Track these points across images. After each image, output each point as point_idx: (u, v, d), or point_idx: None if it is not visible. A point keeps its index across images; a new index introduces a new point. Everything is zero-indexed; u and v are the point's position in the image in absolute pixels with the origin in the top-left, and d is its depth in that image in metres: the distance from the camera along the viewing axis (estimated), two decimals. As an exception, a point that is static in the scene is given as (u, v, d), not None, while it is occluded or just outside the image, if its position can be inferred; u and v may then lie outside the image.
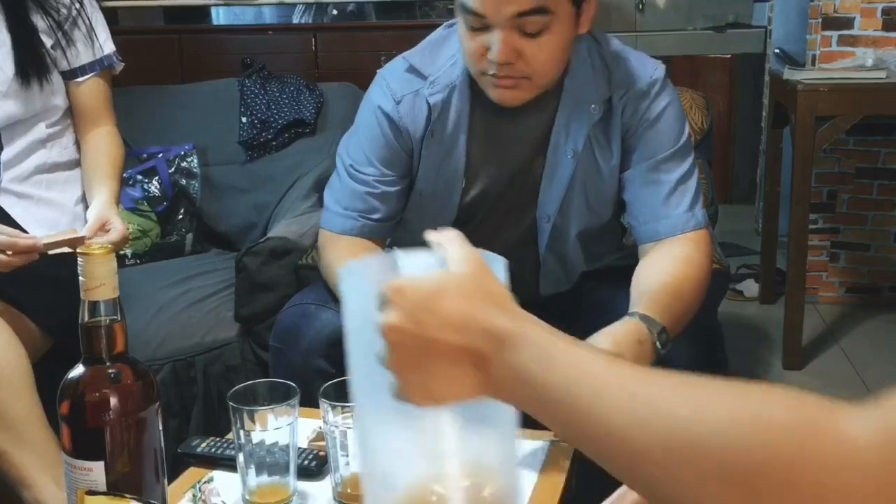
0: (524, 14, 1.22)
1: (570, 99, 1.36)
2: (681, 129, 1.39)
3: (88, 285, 0.81)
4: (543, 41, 1.25)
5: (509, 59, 1.25)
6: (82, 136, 1.78)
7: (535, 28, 1.23)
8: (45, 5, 1.66)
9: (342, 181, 1.44)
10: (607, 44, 1.41)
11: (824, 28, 3.09)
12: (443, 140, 1.39)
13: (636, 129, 1.38)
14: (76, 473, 0.83)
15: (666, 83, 1.40)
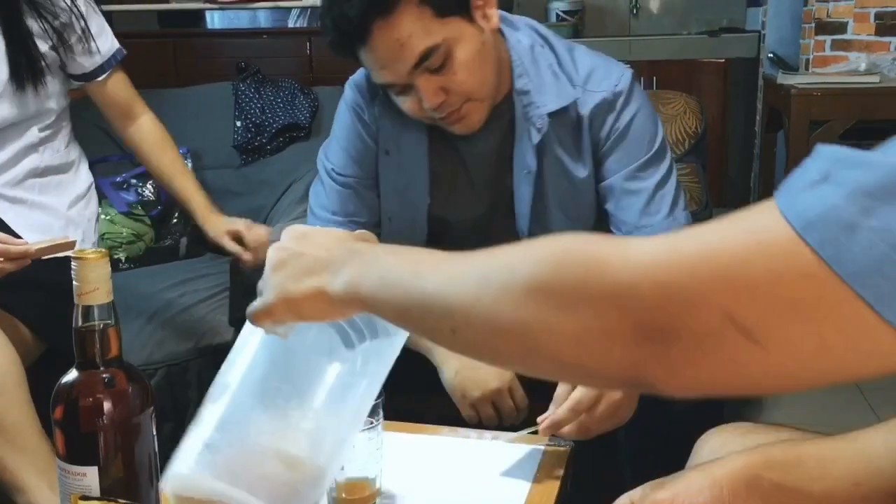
0: (420, 62, 1.23)
1: (521, 116, 1.34)
2: (653, 135, 1.37)
3: (82, 289, 0.81)
4: (457, 65, 1.24)
5: (440, 99, 1.25)
6: (124, 131, 1.82)
7: (440, 61, 1.23)
8: (40, 9, 1.65)
9: (325, 186, 1.45)
10: (569, 58, 1.38)
11: (818, 33, 3.10)
12: (401, 161, 1.39)
13: (606, 142, 1.36)
14: (70, 478, 0.83)
15: (632, 92, 1.37)
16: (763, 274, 0.47)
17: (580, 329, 0.52)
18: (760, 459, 0.77)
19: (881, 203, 0.45)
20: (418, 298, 0.63)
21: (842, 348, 0.47)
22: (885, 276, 0.44)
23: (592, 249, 0.54)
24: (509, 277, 0.56)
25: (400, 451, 1.11)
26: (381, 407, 0.99)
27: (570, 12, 4.24)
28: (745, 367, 0.49)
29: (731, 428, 0.93)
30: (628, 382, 0.54)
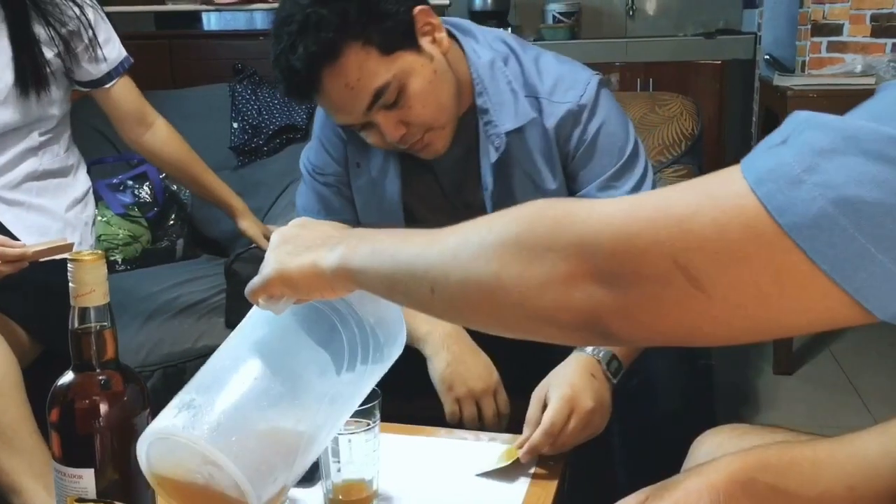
0: (373, 101, 1.23)
1: (483, 135, 1.33)
2: (623, 142, 1.35)
3: (78, 291, 0.81)
4: (412, 98, 1.24)
5: (400, 132, 1.26)
6: (139, 139, 1.83)
7: (394, 97, 1.23)
8: (48, 17, 1.66)
9: (308, 187, 1.46)
10: (534, 69, 1.36)
11: (813, 34, 3.11)
12: (371, 173, 1.39)
13: (575, 154, 1.34)
14: (66, 481, 0.83)
15: (598, 101, 1.34)
16: (711, 223, 0.51)
17: (545, 276, 0.57)
18: (755, 462, 0.77)
19: (825, 160, 0.47)
20: (403, 262, 0.68)
21: (780, 298, 0.50)
22: (823, 228, 0.47)
23: (563, 206, 0.59)
24: (486, 235, 0.61)
25: (397, 453, 1.11)
26: (377, 408, 0.99)
27: (566, 14, 4.24)
28: (690, 313, 0.53)
29: (727, 429, 0.93)
30: (587, 327, 0.57)
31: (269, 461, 0.75)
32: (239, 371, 0.80)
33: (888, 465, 0.74)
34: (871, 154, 0.47)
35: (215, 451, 0.71)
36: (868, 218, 0.46)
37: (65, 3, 1.68)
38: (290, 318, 0.83)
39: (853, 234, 0.46)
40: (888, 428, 0.77)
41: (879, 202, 0.46)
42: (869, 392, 2.52)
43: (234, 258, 1.88)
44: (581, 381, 1.16)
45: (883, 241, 0.46)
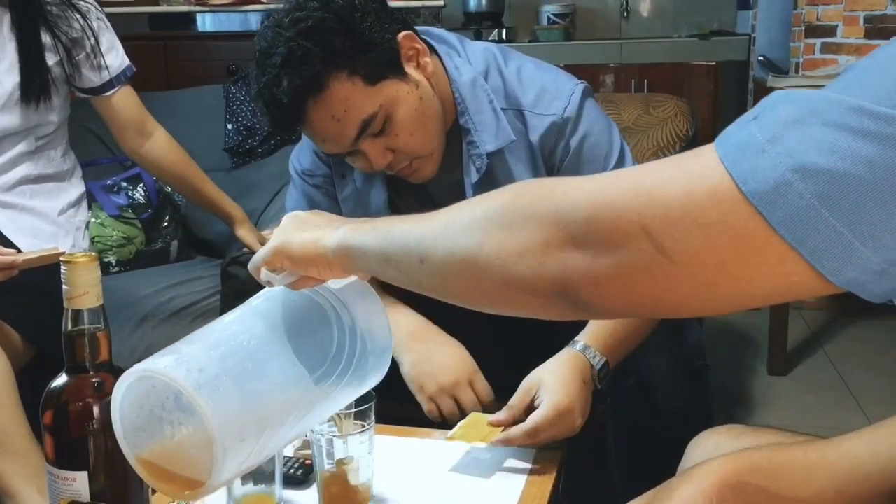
0: (360, 132, 1.21)
1: (466, 154, 1.32)
2: (608, 149, 1.33)
3: (72, 293, 0.81)
4: (399, 126, 1.22)
5: (387, 160, 1.25)
6: (138, 148, 1.83)
7: (381, 125, 1.22)
8: (53, 24, 1.66)
9: (297, 188, 1.45)
10: (517, 82, 1.34)
11: (807, 36, 3.12)
12: (357, 183, 1.39)
13: (560, 166, 1.33)
14: (59, 483, 0.83)
15: (582, 112, 1.32)
16: (678, 192, 0.53)
17: (524, 243, 0.60)
18: (746, 465, 0.77)
19: (788, 131, 0.49)
20: (397, 237, 0.72)
21: (740, 264, 0.52)
22: (781, 194, 0.49)
23: (548, 180, 0.63)
24: (474, 209, 0.66)
25: (392, 455, 1.11)
26: (372, 410, 0.99)
27: (560, 15, 4.25)
28: (656, 281, 0.55)
29: (723, 430, 0.93)
30: (561, 294, 0.59)
31: (241, 420, 0.74)
32: (230, 332, 0.81)
33: (877, 468, 0.75)
34: (831, 123, 0.48)
35: (191, 390, 0.70)
36: (824, 184, 0.48)
37: (69, 10, 1.68)
38: (289, 305, 0.85)
39: (809, 200, 0.48)
40: (878, 430, 0.77)
41: (835, 169, 0.47)
42: (863, 392, 2.52)
43: (229, 260, 1.88)
44: (575, 389, 1.15)
45: (837, 207, 0.48)
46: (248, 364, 0.78)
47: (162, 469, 0.75)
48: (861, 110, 0.48)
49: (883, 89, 0.48)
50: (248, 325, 0.82)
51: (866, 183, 0.47)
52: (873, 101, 0.47)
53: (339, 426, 0.99)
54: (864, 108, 0.47)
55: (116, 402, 0.75)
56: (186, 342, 0.79)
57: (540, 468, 1.10)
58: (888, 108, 0.47)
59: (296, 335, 0.83)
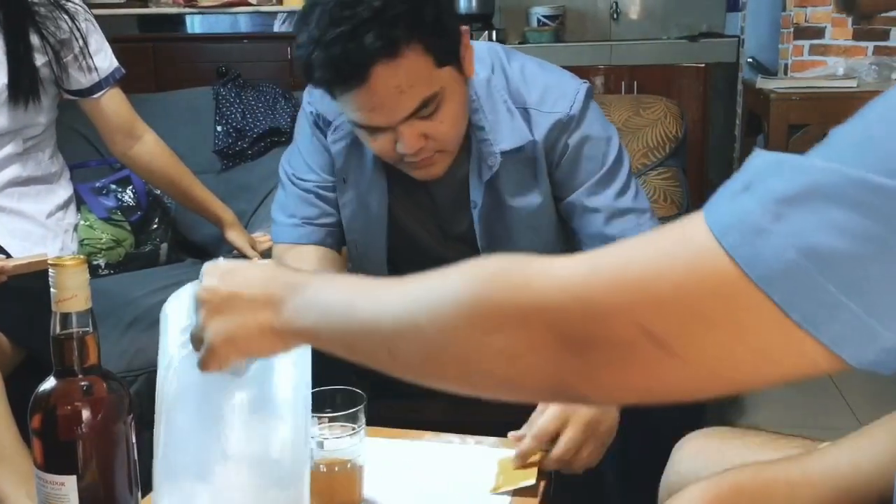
0: (417, 110, 1.20)
1: (476, 153, 1.33)
2: (607, 146, 1.35)
3: (60, 297, 0.80)
4: (443, 114, 1.22)
5: (419, 145, 1.23)
6: (127, 151, 1.82)
7: (430, 111, 1.21)
8: (41, 25, 1.65)
9: (286, 191, 1.45)
10: (521, 79, 1.35)
11: (796, 38, 3.13)
12: (359, 187, 1.38)
13: (560, 160, 1.34)
14: (48, 487, 0.82)
15: (586, 110, 1.34)
16: (674, 285, 0.49)
17: (509, 346, 0.55)
18: (731, 488, 0.77)
19: (791, 209, 0.46)
20: (357, 326, 0.65)
21: (752, 354, 0.48)
22: (793, 279, 0.45)
23: (518, 269, 0.56)
24: (440, 299, 0.58)
25: (383, 457, 1.10)
26: (362, 412, 0.99)
27: (550, 17, 4.25)
28: (661, 376, 0.51)
29: (709, 433, 0.93)
30: (556, 391, 0.57)
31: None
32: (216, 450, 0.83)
33: (858, 482, 0.75)
34: (836, 199, 0.45)
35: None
36: (837, 267, 0.45)
37: (58, 11, 1.67)
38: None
39: (824, 283, 0.45)
40: (859, 439, 0.77)
41: (847, 250, 0.44)
42: (853, 393, 2.53)
43: (218, 262, 1.87)
44: None
45: (853, 289, 0.45)
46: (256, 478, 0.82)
47: None
48: (865, 184, 0.44)
49: (884, 157, 0.45)
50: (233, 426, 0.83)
51: (880, 264, 0.44)
52: (875, 172, 0.44)
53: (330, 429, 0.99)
54: (868, 182, 0.44)
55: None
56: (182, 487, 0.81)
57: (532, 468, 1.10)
58: (892, 180, 0.44)
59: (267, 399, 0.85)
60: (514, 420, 1.14)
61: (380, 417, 1.11)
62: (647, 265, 0.51)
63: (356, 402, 0.98)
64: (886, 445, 0.76)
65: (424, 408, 1.55)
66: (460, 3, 4.17)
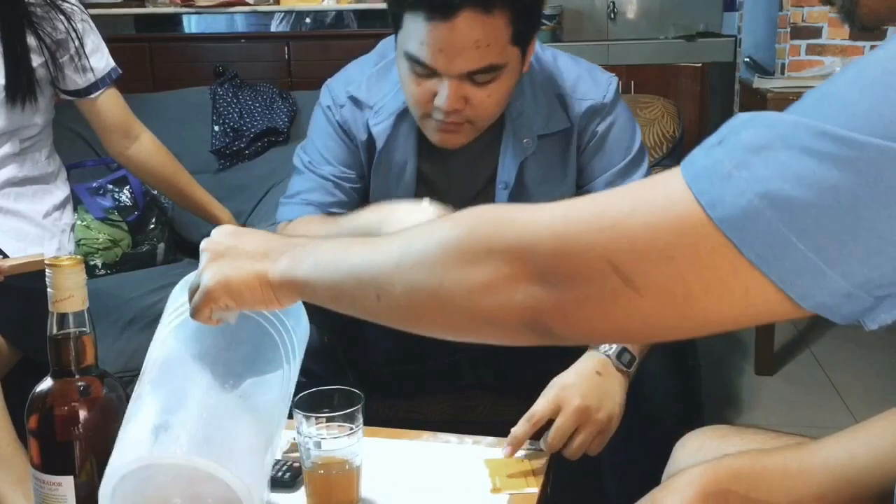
0: (480, 71, 1.22)
1: (510, 133, 1.36)
2: (631, 139, 1.40)
3: (57, 297, 0.80)
4: (492, 89, 1.25)
5: (458, 107, 1.25)
6: (124, 151, 1.82)
7: (485, 80, 1.24)
8: (38, 26, 1.65)
9: (303, 176, 1.44)
10: (555, 66, 1.39)
11: (793, 37, 3.13)
12: (391, 168, 1.40)
13: (587, 146, 1.38)
14: (45, 488, 0.82)
15: (617, 99, 1.40)
16: (643, 224, 0.53)
17: (487, 278, 0.59)
18: (728, 473, 0.77)
19: (754, 157, 0.50)
20: (347, 272, 0.69)
21: (711, 293, 0.52)
22: (750, 220, 0.49)
23: (503, 210, 0.61)
24: (427, 241, 0.63)
25: (380, 457, 1.10)
26: (360, 412, 0.99)
27: (548, 17, 4.25)
28: (625, 311, 0.55)
29: (708, 431, 0.93)
30: (528, 327, 0.59)
31: (250, 465, 0.75)
32: (201, 387, 0.80)
33: (855, 472, 0.75)
34: (795, 148, 0.48)
35: (215, 465, 0.72)
36: (790, 211, 0.48)
37: (54, 12, 1.67)
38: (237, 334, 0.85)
39: (777, 225, 0.48)
40: (857, 433, 0.78)
41: (801, 196, 0.48)
42: (849, 392, 2.53)
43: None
44: (576, 379, 1.16)
45: (804, 233, 0.48)
46: (232, 412, 0.79)
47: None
48: (824, 134, 0.48)
49: (844, 112, 0.48)
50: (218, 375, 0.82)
51: (832, 209, 0.47)
52: (836, 125, 0.48)
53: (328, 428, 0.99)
54: (828, 132, 0.48)
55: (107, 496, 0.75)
56: (167, 411, 0.79)
57: (531, 468, 1.10)
58: (850, 132, 0.47)
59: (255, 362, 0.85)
60: (511, 420, 1.15)
61: (377, 417, 1.11)
62: (622, 207, 0.55)
63: (354, 402, 0.98)
64: (884, 438, 0.76)
65: (422, 408, 1.55)
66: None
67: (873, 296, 0.50)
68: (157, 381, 0.82)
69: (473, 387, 1.60)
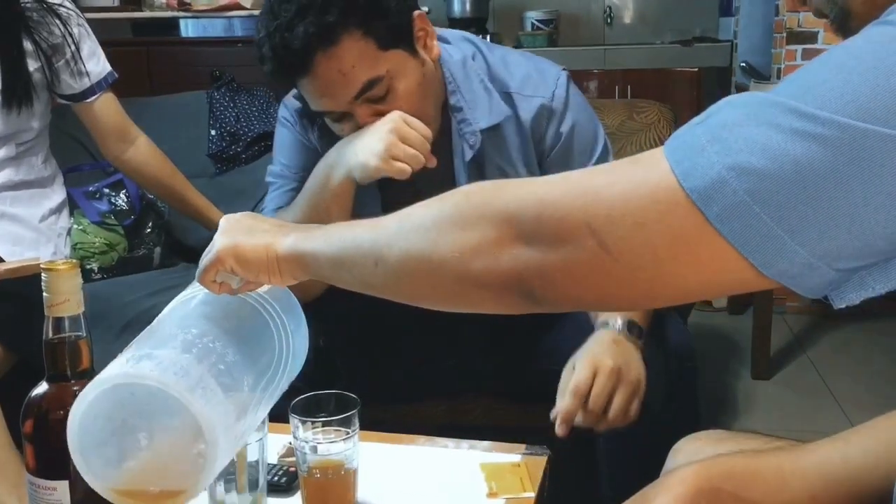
0: (361, 92, 1.23)
1: (457, 134, 1.34)
2: (594, 136, 1.38)
3: (52, 301, 0.80)
4: (397, 97, 1.25)
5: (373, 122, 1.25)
6: (121, 155, 1.82)
7: (382, 92, 1.24)
8: (35, 31, 1.65)
9: (274, 189, 1.46)
10: (503, 66, 1.37)
11: (789, 42, 3.14)
12: None
13: (551, 151, 1.36)
14: (40, 493, 0.82)
15: (570, 95, 1.37)
16: (621, 191, 0.57)
17: (477, 241, 0.63)
18: (721, 472, 0.77)
19: (727, 132, 0.53)
20: (350, 242, 0.74)
21: (678, 260, 0.55)
22: (717, 191, 0.52)
23: (497, 182, 0.67)
24: (426, 211, 0.68)
25: (376, 461, 1.10)
26: (356, 417, 0.99)
27: (544, 21, 4.26)
28: (600, 275, 0.58)
29: (704, 436, 0.93)
30: (514, 289, 0.62)
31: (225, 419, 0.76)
32: (193, 335, 0.81)
33: (848, 473, 0.76)
34: (765, 123, 0.51)
35: (186, 394, 0.72)
36: (755, 182, 0.51)
37: (50, 16, 1.67)
38: (230, 307, 0.87)
39: (743, 196, 0.51)
40: (851, 435, 0.78)
41: (765, 168, 0.51)
42: (845, 396, 2.54)
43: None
44: (601, 347, 1.19)
45: (767, 203, 0.51)
46: (220, 365, 0.79)
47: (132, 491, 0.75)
48: (793, 111, 0.51)
49: (812, 92, 0.51)
50: (206, 328, 0.83)
51: (794, 181, 0.50)
52: (804, 103, 0.51)
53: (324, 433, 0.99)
54: (796, 109, 0.51)
55: (77, 415, 0.74)
56: (151, 344, 0.79)
57: (527, 472, 1.10)
58: (816, 109, 0.50)
59: (246, 336, 0.86)
60: (507, 424, 1.15)
61: (373, 422, 1.11)
62: (606, 178, 0.59)
63: (350, 406, 0.98)
64: (878, 441, 0.76)
65: (418, 412, 1.55)
66: (454, 7, 4.18)
67: (834, 268, 0.52)
68: (149, 331, 0.84)
69: (469, 391, 1.60)
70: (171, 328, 0.83)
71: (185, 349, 0.78)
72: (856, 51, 0.51)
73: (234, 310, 0.88)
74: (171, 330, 0.82)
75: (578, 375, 1.15)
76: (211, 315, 0.85)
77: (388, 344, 1.50)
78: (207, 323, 0.84)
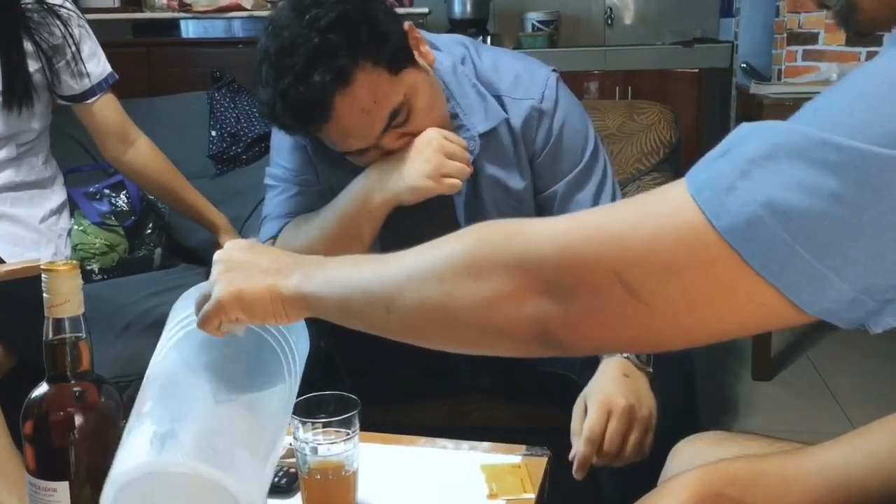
0: (389, 123, 1.22)
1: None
2: (585, 137, 1.37)
3: (52, 302, 0.80)
4: (418, 114, 1.24)
5: (405, 143, 1.25)
6: (121, 156, 1.83)
7: (405, 116, 1.23)
8: (35, 32, 1.65)
9: (274, 192, 1.44)
10: (493, 69, 1.37)
11: (789, 43, 3.14)
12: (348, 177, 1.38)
13: (542, 152, 1.36)
14: (40, 494, 0.82)
15: (559, 96, 1.36)
16: (648, 236, 0.54)
17: (495, 293, 0.60)
18: (723, 477, 0.77)
19: (757, 167, 0.50)
20: (357, 287, 0.71)
21: (716, 303, 0.53)
22: (754, 230, 0.50)
23: (510, 224, 0.63)
24: (436, 256, 0.65)
25: (376, 463, 1.10)
26: (356, 418, 0.99)
27: (545, 22, 4.26)
28: (632, 323, 0.56)
29: (704, 437, 0.93)
30: (537, 339, 0.60)
31: (253, 476, 0.76)
32: (205, 398, 0.80)
33: (851, 477, 0.76)
34: (796, 157, 0.49)
35: (221, 473, 0.72)
36: (793, 219, 0.49)
37: (50, 17, 1.67)
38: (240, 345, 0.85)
39: (781, 234, 0.49)
40: (854, 439, 0.78)
41: (803, 205, 0.49)
42: (846, 397, 2.53)
43: (212, 267, 1.87)
44: (612, 384, 1.17)
45: (808, 241, 0.49)
46: (243, 426, 0.80)
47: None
48: (825, 143, 0.48)
49: (843, 122, 0.49)
50: (217, 382, 0.82)
51: (833, 216, 0.48)
52: (836, 133, 0.48)
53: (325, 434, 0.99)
54: (828, 141, 0.48)
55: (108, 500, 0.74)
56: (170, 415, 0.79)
57: (527, 474, 1.10)
58: (849, 140, 0.48)
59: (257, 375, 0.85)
60: (507, 425, 1.15)
61: (373, 423, 1.11)
62: (627, 219, 0.56)
63: (350, 407, 0.98)
64: (880, 444, 0.76)
65: (418, 413, 1.55)
66: (455, 9, 4.18)
67: (877, 300, 0.50)
68: (161, 391, 0.82)
69: (470, 392, 1.60)
70: (184, 388, 0.82)
71: (205, 418, 0.78)
72: (880, 75, 0.49)
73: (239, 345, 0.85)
74: (185, 391, 0.82)
75: (591, 420, 1.13)
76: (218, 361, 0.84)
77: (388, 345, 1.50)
78: (217, 375, 0.83)
